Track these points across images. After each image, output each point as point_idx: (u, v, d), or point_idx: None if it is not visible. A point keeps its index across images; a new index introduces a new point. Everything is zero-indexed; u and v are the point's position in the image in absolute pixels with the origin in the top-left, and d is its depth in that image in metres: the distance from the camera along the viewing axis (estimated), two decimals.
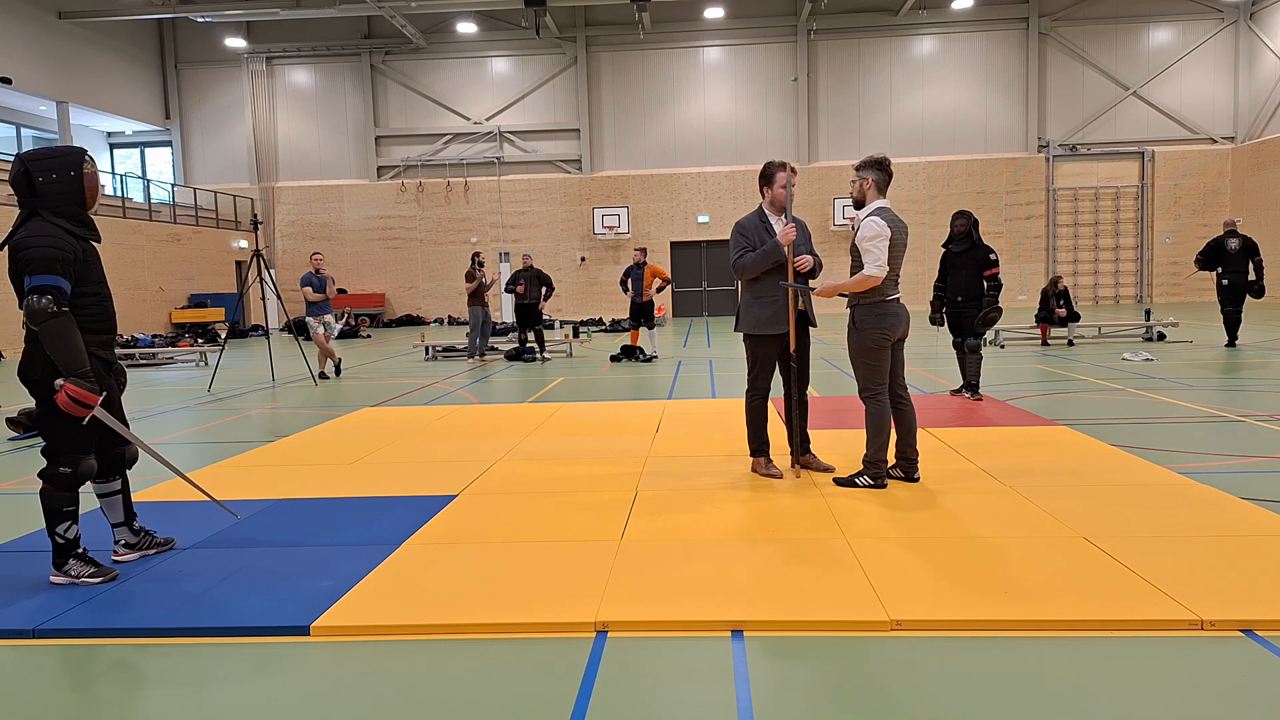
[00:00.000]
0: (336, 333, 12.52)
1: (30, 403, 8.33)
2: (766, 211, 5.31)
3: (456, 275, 26.79)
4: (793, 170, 5.30)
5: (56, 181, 3.65)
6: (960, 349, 8.31)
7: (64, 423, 3.66)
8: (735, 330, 5.46)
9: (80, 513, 3.83)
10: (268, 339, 13.87)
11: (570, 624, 3.18)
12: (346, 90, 27.48)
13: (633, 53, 26.69)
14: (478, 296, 14.27)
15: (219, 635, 3.21)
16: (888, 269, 4.83)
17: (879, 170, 4.97)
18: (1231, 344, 12.56)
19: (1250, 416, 7.15)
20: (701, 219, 26.72)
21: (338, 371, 12.63)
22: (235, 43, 26.57)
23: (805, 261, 5.15)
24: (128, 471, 4.12)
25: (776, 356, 5.33)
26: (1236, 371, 10.12)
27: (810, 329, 5.38)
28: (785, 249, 5.11)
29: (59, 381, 3.53)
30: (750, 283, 5.30)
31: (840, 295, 5.06)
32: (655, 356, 13.69)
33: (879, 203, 4.96)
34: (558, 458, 6.12)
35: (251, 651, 3.09)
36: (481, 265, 14.43)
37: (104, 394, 3.76)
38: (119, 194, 23.16)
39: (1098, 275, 26.45)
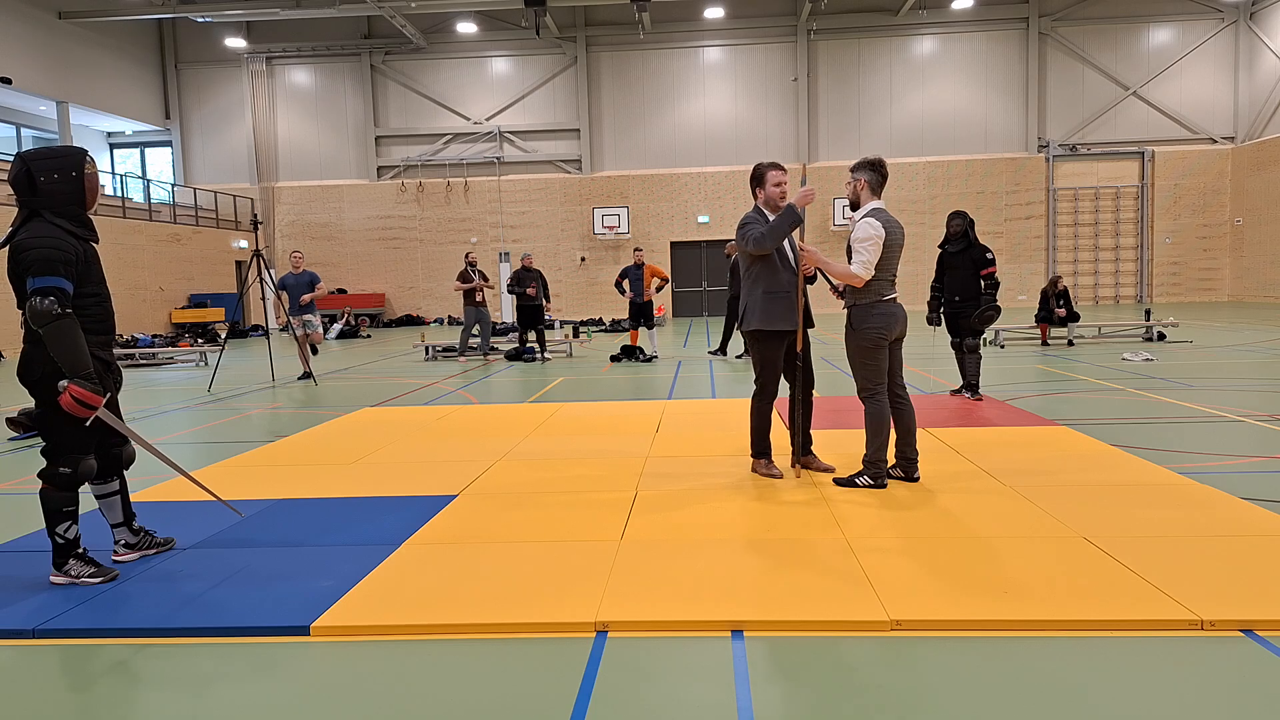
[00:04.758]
0: (321, 331, 12.01)
1: (30, 403, 8.34)
2: (764, 210, 5.31)
3: (456, 276, 26.77)
4: (782, 169, 5.33)
5: (58, 182, 3.65)
6: (959, 349, 8.31)
7: (64, 423, 3.66)
8: (741, 328, 5.36)
9: (80, 513, 3.83)
10: (268, 339, 13.86)
11: (570, 624, 3.18)
12: (346, 90, 27.48)
13: (633, 53, 26.69)
14: (471, 296, 14.33)
15: (219, 635, 3.21)
16: (874, 272, 4.84)
17: (872, 171, 4.98)
18: None
19: (1250, 416, 7.15)
20: (701, 219, 26.72)
21: (309, 376, 11.74)
22: (235, 43, 26.57)
23: (809, 269, 5.22)
24: (125, 472, 4.11)
25: (782, 357, 5.32)
26: (1236, 372, 10.12)
27: (809, 329, 5.39)
28: (802, 210, 5.06)
29: (63, 383, 3.53)
30: (758, 278, 5.22)
31: (827, 284, 5.11)
32: (655, 356, 13.69)
33: (874, 204, 4.97)
34: (558, 458, 6.12)
35: (251, 651, 3.09)
36: (474, 266, 14.50)
37: (107, 395, 3.76)
38: (119, 194, 23.15)
39: (1098, 275, 26.45)
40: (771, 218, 5.26)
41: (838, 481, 5.09)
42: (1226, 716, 2.49)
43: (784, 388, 5.44)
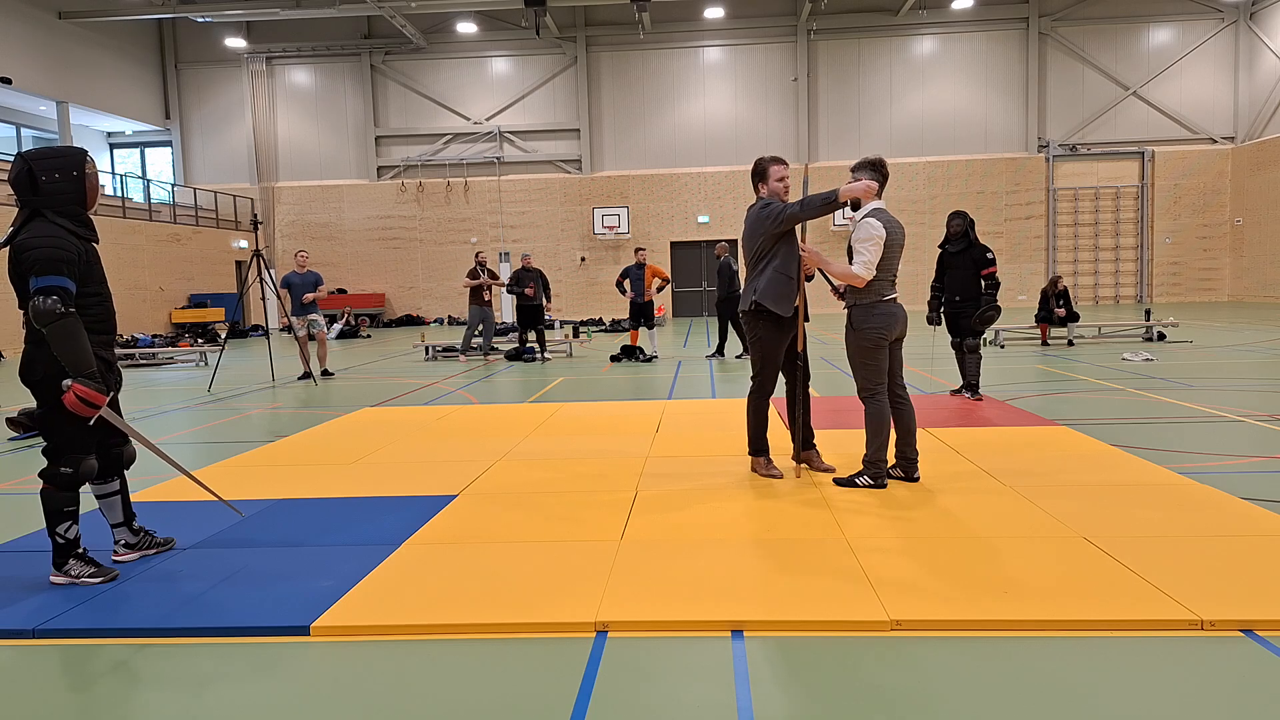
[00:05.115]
0: (327, 332, 12.21)
1: (30, 402, 8.34)
2: None
3: (457, 275, 26.76)
4: (784, 163, 5.31)
5: (59, 181, 3.65)
6: (959, 349, 8.31)
7: (65, 423, 3.66)
8: (750, 305, 5.17)
9: (80, 513, 3.83)
10: (268, 339, 13.86)
11: (570, 624, 3.18)
12: (346, 90, 27.48)
13: (633, 53, 26.69)
14: (478, 295, 14.25)
15: (219, 635, 3.21)
16: (875, 272, 4.84)
17: (874, 171, 4.98)
18: None
19: (1250, 416, 7.15)
20: (701, 219, 26.72)
21: (309, 376, 11.78)
22: (235, 43, 26.57)
23: (809, 269, 5.23)
24: (126, 472, 4.12)
25: (782, 355, 5.31)
26: (1236, 372, 10.12)
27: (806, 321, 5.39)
28: (846, 200, 4.91)
29: (66, 382, 3.53)
30: (774, 257, 5.14)
31: (828, 284, 5.13)
32: (655, 356, 13.69)
33: (874, 204, 4.97)
34: (558, 458, 6.12)
35: (251, 651, 3.09)
36: (483, 265, 14.35)
37: (111, 394, 3.77)
38: (119, 194, 23.14)
39: (1098, 275, 26.44)
40: None
41: (838, 481, 5.09)
42: (1226, 716, 2.49)
43: (780, 386, 5.44)
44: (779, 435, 5.99)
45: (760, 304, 5.13)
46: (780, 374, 5.41)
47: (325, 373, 12.24)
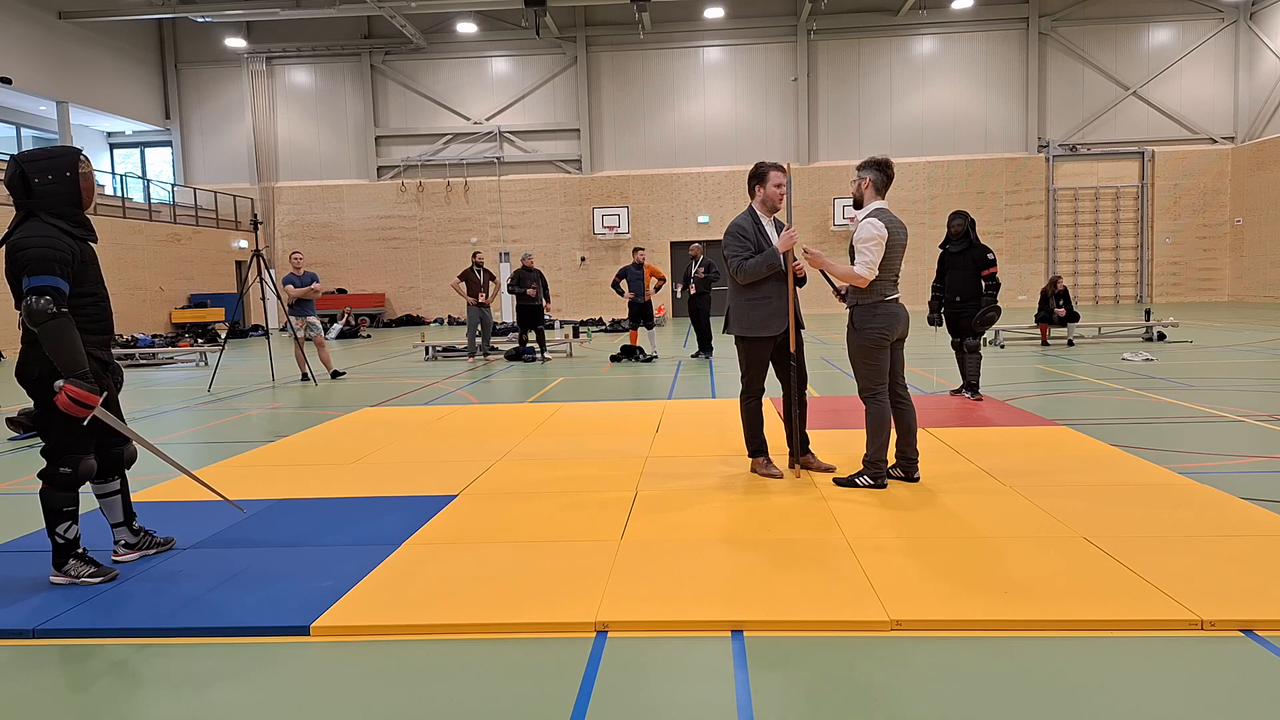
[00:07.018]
0: (323, 333, 12.23)
1: (29, 403, 8.33)
2: (758, 212, 5.30)
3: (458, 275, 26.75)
4: (784, 170, 5.30)
5: (52, 182, 3.64)
6: (959, 349, 8.32)
7: (63, 423, 3.65)
8: (725, 332, 5.40)
9: (80, 513, 3.83)
10: (268, 339, 13.86)
11: (570, 624, 3.18)
12: (346, 90, 27.48)
13: (633, 53, 26.69)
14: (474, 295, 14.18)
15: (219, 635, 3.21)
16: (877, 272, 4.84)
17: (879, 171, 4.97)
18: None
19: (1250, 416, 7.15)
20: (701, 219, 26.72)
21: (307, 379, 11.73)
22: (235, 43, 26.58)
23: (801, 270, 5.23)
24: (126, 471, 4.11)
25: (770, 357, 5.32)
26: (1236, 372, 10.11)
27: (801, 329, 5.38)
28: (783, 256, 5.10)
29: (59, 383, 3.53)
30: (742, 284, 5.24)
31: (829, 286, 5.13)
32: (655, 356, 13.69)
33: (877, 204, 4.96)
34: (558, 458, 6.12)
35: (251, 651, 3.09)
36: (480, 266, 14.29)
37: (104, 394, 3.76)
38: (119, 194, 23.15)
39: (1098, 275, 26.44)
40: (764, 220, 5.26)
41: (838, 481, 5.08)
42: (1226, 716, 2.49)
43: (779, 387, 5.44)
44: (778, 435, 5.98)
45: (741, 336, 5.26)
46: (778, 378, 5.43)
47: (336, 373, 12.17)
